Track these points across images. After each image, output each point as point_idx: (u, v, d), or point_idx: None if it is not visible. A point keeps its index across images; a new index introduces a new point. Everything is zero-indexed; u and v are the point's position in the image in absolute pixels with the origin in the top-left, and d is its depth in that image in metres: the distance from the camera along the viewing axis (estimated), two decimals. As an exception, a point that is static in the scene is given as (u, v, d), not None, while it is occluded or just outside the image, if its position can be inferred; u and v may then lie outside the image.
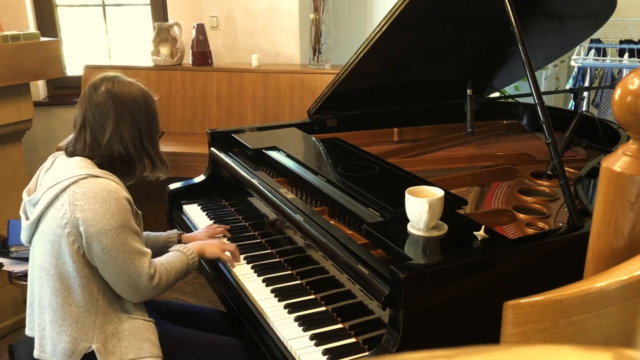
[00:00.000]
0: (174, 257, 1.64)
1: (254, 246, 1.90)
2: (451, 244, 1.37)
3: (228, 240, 1.95)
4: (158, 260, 1.61)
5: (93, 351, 1.49)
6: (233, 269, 1.75)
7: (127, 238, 1.48)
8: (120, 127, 1.55)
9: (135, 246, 1.50)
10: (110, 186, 1.48)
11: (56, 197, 1.47)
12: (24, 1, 3.53)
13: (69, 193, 1.46)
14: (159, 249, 1.83)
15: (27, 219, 1.56)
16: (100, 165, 1.56)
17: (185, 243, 1.87)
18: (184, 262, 1.64)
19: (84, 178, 1.47)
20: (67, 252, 1.46)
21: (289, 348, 1.40)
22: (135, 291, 1.53)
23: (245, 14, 3.54)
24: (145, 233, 1.84)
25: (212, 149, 2.25)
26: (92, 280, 1.50)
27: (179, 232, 1.92)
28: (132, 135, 1.57)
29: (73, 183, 1.46)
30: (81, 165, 1.52)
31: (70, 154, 1.59)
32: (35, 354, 1.55)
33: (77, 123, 1.59)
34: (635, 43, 4.19)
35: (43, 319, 1.53)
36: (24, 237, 1.58)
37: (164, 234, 1.89)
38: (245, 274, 1.73)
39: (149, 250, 1.56)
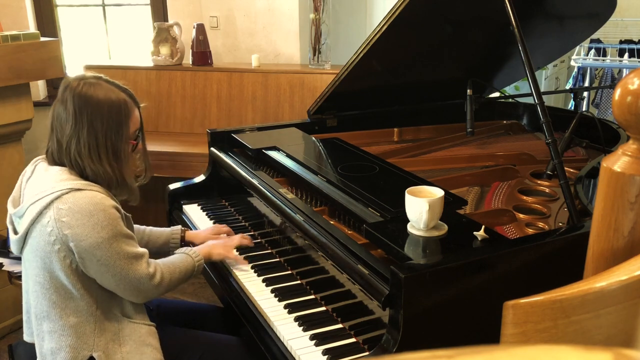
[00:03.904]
0: (178, 259, 1.64)
1: (254, 246, 1.90)
2: (451, 244, 1.37)
3: None
4: (161, 260, 1.60)
5: (94, 359, 1.48)
6: (233, 269, 1.75)
7: (121, 245, 1.45)
8: (78, 131, 1.46)
9: (130, 251, 1.47)
10: (95, 198, 1.42)
11: (40, 214, 1.42)
12: (24, 1, 3.53)
13: (53, 210, 1.40)
14: (161, 246, 1.84)
15: (15, 232, 1.52)
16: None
17: (188, 241, 1.88)
18: (189, 264, 1.63)
19: (67, 192, 1.41)
20: (58, 267, 1.43)
21: (288, 348, 1.40)
22: (138, 293, 1.52)
23: (245, 14, 3.54)
24: (149, 229, 1.85)
25: (212, 149, 2.25)
26: (88, 290, 1.47)
27: (182, 228, 1.90)
28: (88, 143, 1.47)
29: (56, 199, 1.41)
30: (62, 177, 1.45)
31: (50, 160, 1.53)
32: None
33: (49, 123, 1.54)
34: (635, 43, 4.19)
35: (41, 330, 1.50)
36: (14, 249, 1.53)
37: (167, 230, 1.87)
38: (245, 274, 1.73)
39: (145, 250, 1.53)
